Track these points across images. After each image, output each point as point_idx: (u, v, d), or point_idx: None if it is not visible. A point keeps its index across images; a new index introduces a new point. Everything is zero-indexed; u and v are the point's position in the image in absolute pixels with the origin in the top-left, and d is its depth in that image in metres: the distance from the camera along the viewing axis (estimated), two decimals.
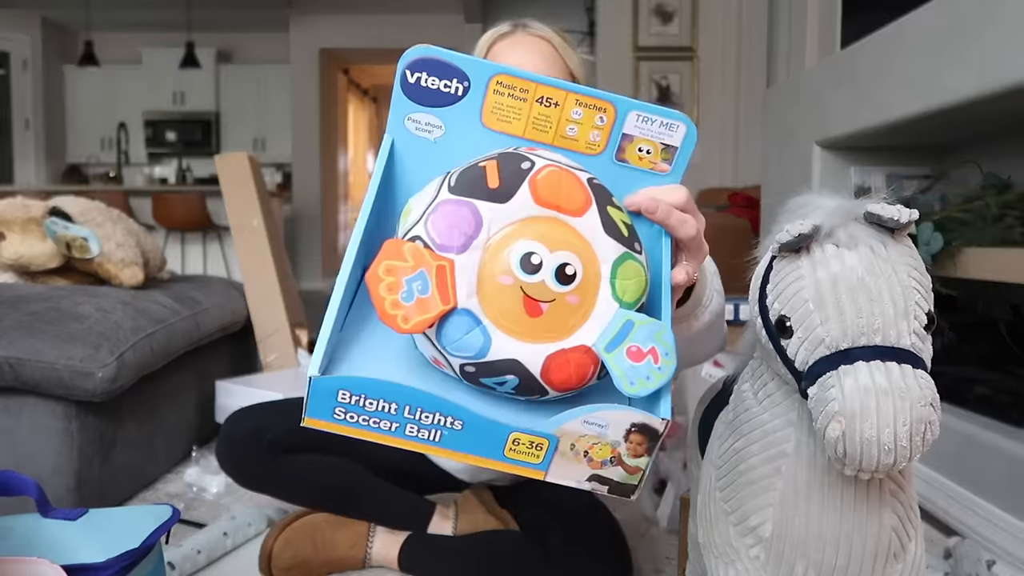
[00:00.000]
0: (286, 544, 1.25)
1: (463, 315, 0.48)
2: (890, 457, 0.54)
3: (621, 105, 0.60)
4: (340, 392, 0.48)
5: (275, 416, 1.34)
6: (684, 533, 1.16)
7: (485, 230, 0.50)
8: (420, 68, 0.57)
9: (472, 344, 0.49)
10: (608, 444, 0.51)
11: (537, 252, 0.50)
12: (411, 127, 0.59)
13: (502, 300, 0.50)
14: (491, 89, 0.58)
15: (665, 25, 4.69)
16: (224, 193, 2.52)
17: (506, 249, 0.50)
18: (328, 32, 7.49)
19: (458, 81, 0.57)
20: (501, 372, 0.50)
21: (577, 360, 0.52)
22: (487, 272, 0.49)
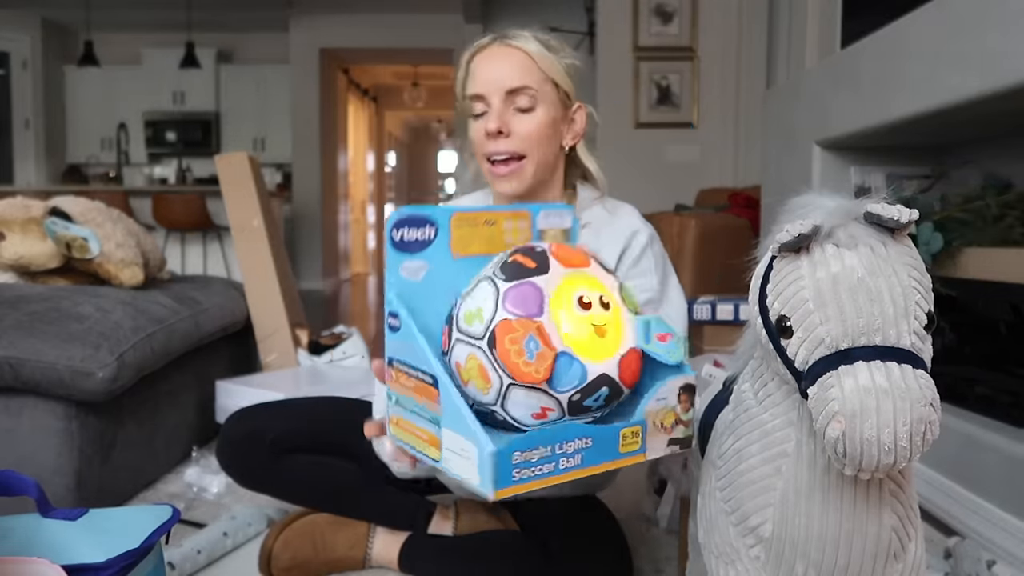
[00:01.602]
0: (286, 544, 1.25)
1: (563, 356, 0.62)
2: (890, 457, 0.54)
3: (532, 209, 0.81)
4: (514, 454, 0.60)
5: (275, 416, 1.34)
6: (684, 533, 1.16)
7: (545, 294, 0.65)
8: (402, 225, 0.73)
9: (575, 374, 0.63)
10: (671, 410, 0.68)
11: (584, 294, 0.66)
12: (404, 274, 0.73)
13: (580, 335, 0.64)
14: (453, 226, 0.75)
15: (665, 25, 4.70)
16: (224, 193, 2.52)
17: (565, 300, 0.65)
18: (328, 32, 7.49)
19: (429, 226, 0.74)
20: (597, 388, 0.64)
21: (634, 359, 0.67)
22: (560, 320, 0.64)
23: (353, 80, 9.09)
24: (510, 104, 1.08)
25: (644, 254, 1.15)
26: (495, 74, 1.09)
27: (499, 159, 1.09)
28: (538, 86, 1.09)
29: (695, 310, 2.15)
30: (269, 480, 1.31)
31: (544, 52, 1.10)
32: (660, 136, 4.75)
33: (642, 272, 1.15)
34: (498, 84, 1.08)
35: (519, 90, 1.08)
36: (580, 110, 1.16)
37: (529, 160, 1.10)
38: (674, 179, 4.62)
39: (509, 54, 1.09)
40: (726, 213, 3.40)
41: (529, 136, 1.09)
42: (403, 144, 12.93)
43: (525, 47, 1.09)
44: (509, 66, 1.08)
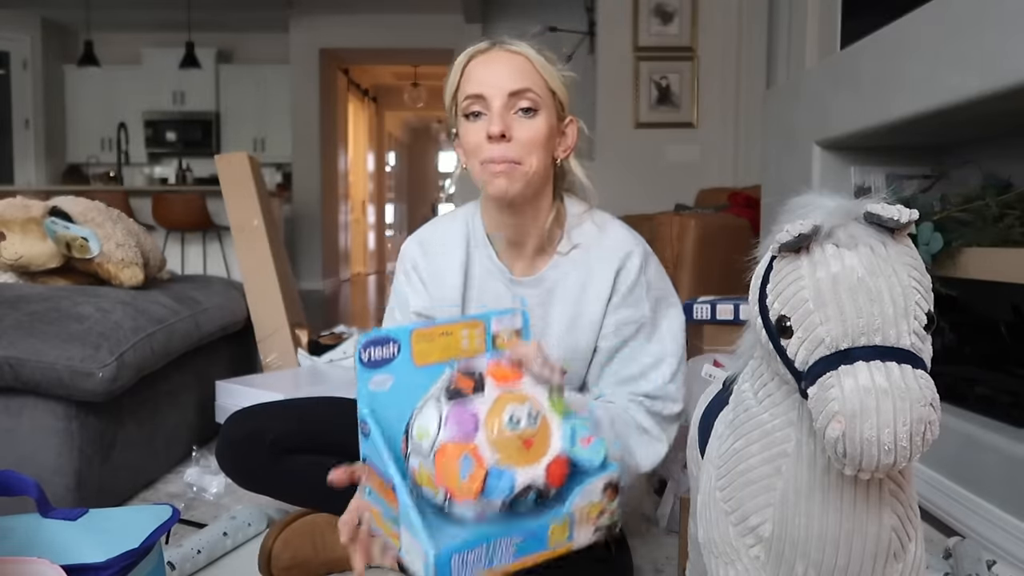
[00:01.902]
0: (286, 544, 1.24)
1: (494, 471, 0.71)
2: (890, 457, 0.54)
3: (484, 317, 0.89)
4: (453, 556, 0.70)
5: (275, 417, 1.33)
6: (684, 533, 1.16)
7: (480, 417, 0.74)
8: (369, 345, 0.83)
9: (505, 486, 0.71)
10: (597, 504, 0.77)
11: (514, 412, 0.75)
12: (372, 387, 0.83)
13: (510, 449, 0.73)
14: (413, 341, 0.85)
15: (665, 25, 4.69)
16: (224, 193, 2.52)
17: (496, 419, 0.74)
18: (328, 32, 7.49)
19: (393, 343, 0.84)
20: (526, 494, 0.73)
21: (560, 463, 0.75)
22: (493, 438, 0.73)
23: (353, 80, 9.09)
24: (510, 107, 1.06)
25: (638, 281, 1.14)
26: (496, 76, 1.06)
27: (495, 162, 1.06)
28: (539, 91, 1.07)
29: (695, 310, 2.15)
30: (269, 481, 1.31)
31: (543, 60, 1.09)
32: (660, 136, 4.75)
33: (636, 301, 1.14)
34: (500, 86, 1.06)
35: (521, 92, 1.06)
36: (572, 123, 1.14)
37: (525, 166, 1.07)
38: (674, 179, 4.62)
39: (510, 58, 1.08)
40: (726, 213, 3.40)
41: (530, 142, 1.07)
42: (403, 144, 12.93)
43: (526, 52, 1.08)
44: (511, 68, 1.07)
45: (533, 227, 1.15)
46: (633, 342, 1.14)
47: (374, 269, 10.80)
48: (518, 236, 1.16)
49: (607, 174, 4.70)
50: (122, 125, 6.63)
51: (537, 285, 1.16)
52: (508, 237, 1.17)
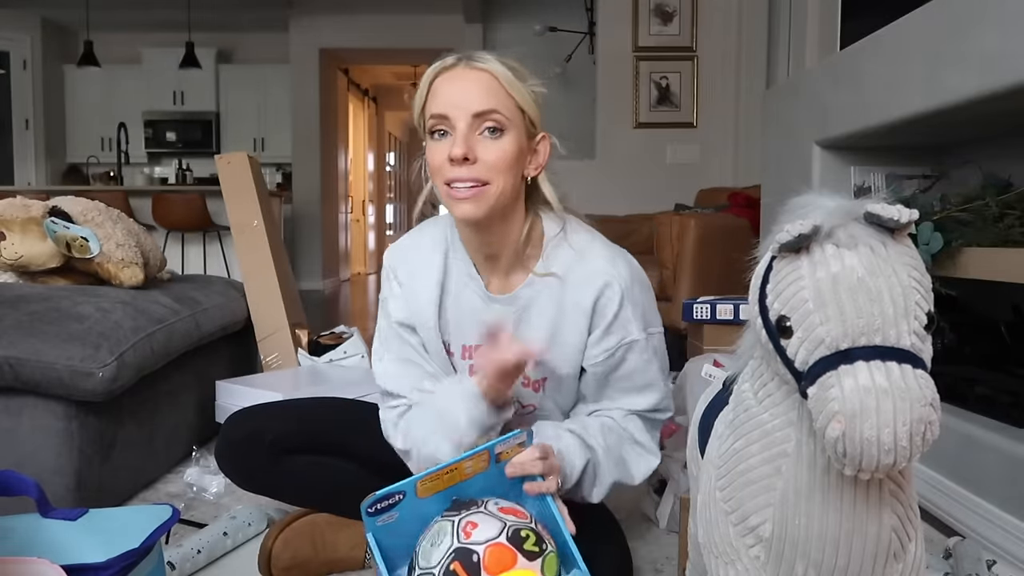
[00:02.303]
0: (286, 544, 1.24)
1: None
2: (890, 457, 0.54)
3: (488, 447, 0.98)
4: None
5: (274, 417, 1.33)
6: (684, 533, 1.16)
7: None
8: (375, 503, 0.93)
9: None
10: None
11: None
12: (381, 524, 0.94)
13: None
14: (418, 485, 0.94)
15: (665, 25, 4.70)
16: (224, 193, 2.52)
17: None
18: (328, 32, 7.49)
19: (398, 495, 0.94)
20: None
21: None
22: None
23: (353, 80, 9.09)
24: (475, 128, 1.03)
25: (622, 308, 1.11)
26: (461, 95, 1.03)
27: (462, 185, 1.04)
28: (506, 111, 1.04)
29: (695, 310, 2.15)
30: (269, 481, 1.31)
31: (512, 77, 1.05)
32: (660, 136, 4.75)
33: (622, 326, 1.12)
34: (464, 106, 1.03)
35: (486, 113, 1.03)
36: (544, 140, 1.11)
37: (493, 187, 1.04)
38: (674, 179, 4.63)
39: (477, 76, 1.04)
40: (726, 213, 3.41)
41: (495, 164, 1.03)
42: (403, 144, 12.93)
43: (493, 70, 1.04)
44: (476, 88, 1.03)
45: (504, 243, 1.13)
46: (627, 362, 1.14)
47: (374, 269, 10.80)
48: (490, 251, 1.15)
49: (607, 174, 4.71)
50: (122, 125, 6.63)
51: (512, 303, 1.15)
52: (482, 255, 1.16)
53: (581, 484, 1.13)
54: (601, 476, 1.14)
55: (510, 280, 1.16)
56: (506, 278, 1.16)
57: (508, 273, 1.16)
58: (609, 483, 1.16)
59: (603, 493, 1.16)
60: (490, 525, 0.91)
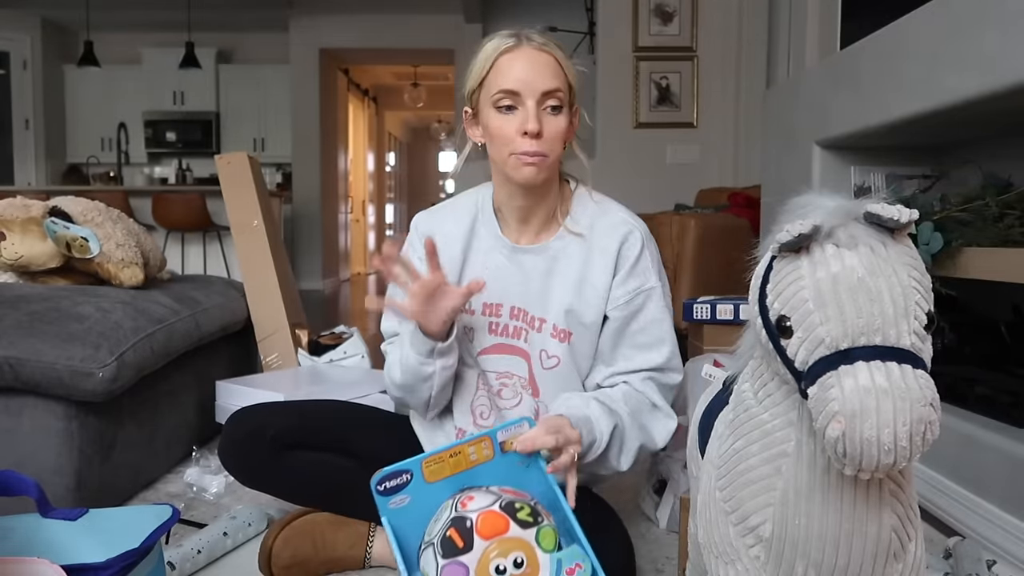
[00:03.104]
0: (286, 543, 1.25)
1: None
2: (890, 457, 0.54)
3: (490, 433, 1.02)
4: None
5: (276, 413, 1.34)
6: (684, 533, 1.16)
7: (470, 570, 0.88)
8: (383, 480, 0.98)
9: None
10: None
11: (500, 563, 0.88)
12: (392, 507, 0.99)
13: None
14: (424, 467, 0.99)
15: (665, 25, 4.69)
16: (224, 193, 2.52)
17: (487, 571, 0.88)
18: (328, 32, 7.49)
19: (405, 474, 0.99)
20: None
21: None
22: None
23: (353, 80, 9.09)
24: (541, 104, 1.14)
25: (642, 254, 1.22)
26: (531, 75, 1.13)
27: (528, 156, 1.14)
28: (564, 89, 1.15)
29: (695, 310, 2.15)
30: (270, 478, 1.31)
31: (565, 57, 1.17)
32: (660, 136, 4.75)
33: (643, 271, 1.22)
34: (534, 86, 1.13)
35: (552, 92, 1.14)
36: (578, 111, 1.22)
37: (551, 156, 1.16)
38: (674, 179, 4.63)
39: (541, 58, 1.15)
40: (726, 213, 3.40)
41: (556, 137, 1.16)
42: (403, 144, 12.92)
43: (555, 52, 1.16)
44: (545, 68, 1.14)
45: (543, 203, 1.24)
46: (645, 310, 1.21)
47: (374, 269, 10.80)
48: (530, 211, 1.24)
49: (607, 174, 4.70)
50: (122, 125, 6.62)
51: (541, 252, 1.24)
52: (518, 216, 1.25)
53: (609, 451, 1.15)
54: (628, 442, 1.18)
55: (539, 236, 1.26)
56: (535, 236, 1.26)
57: (538, 231, 1.25)
58: (635, 448, 1.19)
59: (630, 460, 1.19)
60: (485, 498, 0.94)
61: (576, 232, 1.23)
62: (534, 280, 1.23)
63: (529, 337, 1.24)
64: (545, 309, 1.23)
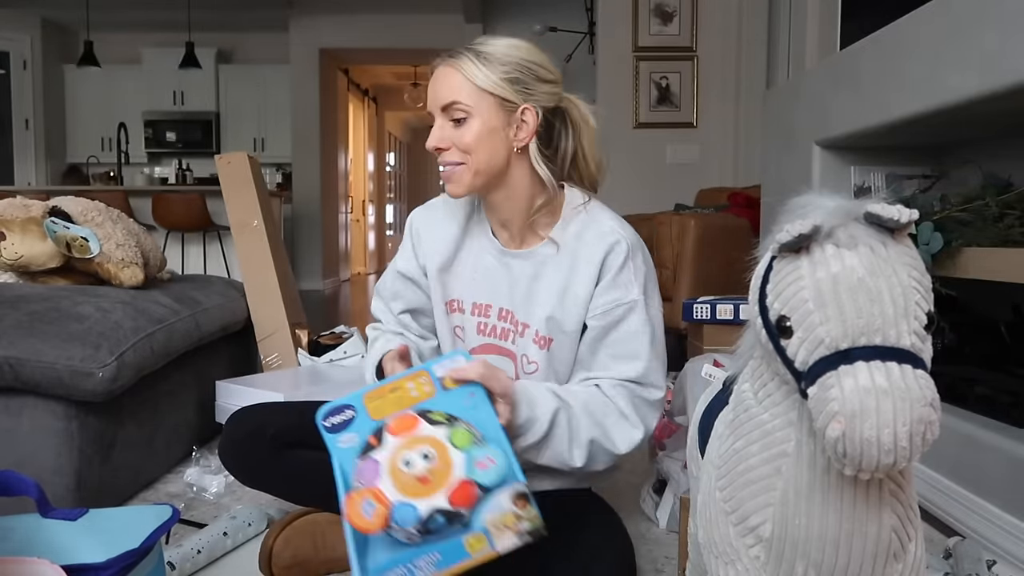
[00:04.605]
0: (286, 543, 1.25)
1: (397, 506, 0.86)
2: (890, 457, 0.54)
3: (425, 367, 1.03)
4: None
5: (276, 412, 1.35)
6: (684, 533, 1.16)
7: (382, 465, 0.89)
8: (327, 416, 0.99)
9: (409, 516, 0.85)
10: (509, 513, 0.88)
11: (408, 457, 0.89)
12: (342, 446, 0.98)
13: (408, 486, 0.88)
14: (366, 402, 1.00)
15: (665, 25, 4.69)
16: (224, 193, 2.52)
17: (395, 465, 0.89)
18: (328, 32, 7.49)
19: (348, 410, 0.99)
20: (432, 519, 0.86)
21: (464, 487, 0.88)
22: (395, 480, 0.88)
23: (353, 80, 9.09)
24: (447, 118, 1.16)
25: (626, 265, 1.19)
26: (432, 94, 1.17)
27: (443, 168, 1.19)
28: (469, 100, 1.14)
29: (695, 310, 2.15)
30: (270, 477, 1.31)
31: (476, 66, 1.14)
32: (660, 136, 4.75)
33: (625, 283, 1.18)
34: (435, 102, 1.17)
35: (449, 106, 1.15)
36: (528, 111, 1.16)
37: (468, 166, 1.16)
38: (674, 179, 4.63)
39: (444, 74, 1.16)
40: (726, 213, 3.40)
41: (465, 146, 1.15)
42: (403, 144, 12.93)
43: (456, 64, 1.15)
44: (441, 84, 1.16)
45: (512, 210, 1.22)
46: (625, 322, 1.18)
47: (374, 269, 10.80)
48: (501, 217, 1.24)
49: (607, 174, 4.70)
50: (122, 125, 6.62)
51: (529, 258, 1.23)
52: (496, 221, 1.27)
53: (553, 436, 1.11)
54: (578, 434, 1.13)
55: (527, 241, 1.25)
56: (522, 240, 1.25)
57: (523, 236, 1.25)
58: (587, 442, 1.13)
59: (583, 455, 1.13)
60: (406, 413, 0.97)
61: (556, 241, 1.21)
62: (521, 284, 1.23)
63: (516, 340, 1.24)
64: (529, 314, 1.22)
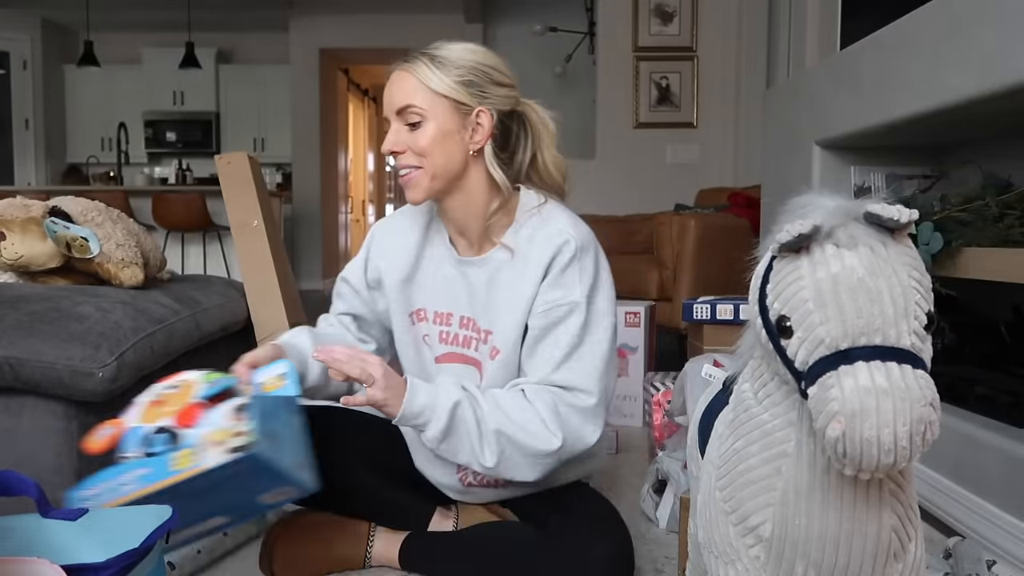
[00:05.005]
0: (287, 543, 1.25)
1: (130, 430, 0.98)
2: (890, 457, 0.54)
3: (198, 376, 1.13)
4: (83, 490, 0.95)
5: None
6: (684, 533, 1.16)
7: (138, 402, 1.05)
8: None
9: (136, 436, 0.98)
10: (226, 429, 0.94)
11: (157, 389, 1.06)
12: None
13: (146, 414, 1.01)
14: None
15: (665, 25, 4.70)
16: (224, 193, 2.52)
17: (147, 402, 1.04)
18: (328, 32, 7.49)
19: None
20: (155, 437, 0.95)
21: (190, 409, 0.98)
22: (140, 412, 1.02)
23: (353, 80, 9.08)
24: (403, 122, 1.16)
25: (571, 265, 1.15)
26: (387, 98, 1.18)
27: (401, 173, 1.18)
28: (424, 103, 1.14)
29: (695, 310, 2.15)
30: None
31: (431, 70, 1.14)
32: (660, 136, 4.75)
33: (568, 283, 1.15)
34: (389, 106, 1.18)
35: (403, 110, 1.15)
36: (482, 114, 1.15)
37: (424, 171, 1.16)
38: (674, 179, 4.63)
39: (399, 78, 1.17)
40: (726, 213, 3.41)
41: (420, 149, 1.15)
42: None
43: (411, 69, 1.16)
44: (396, 88, 1.17)
45: (468, 215, 1.21)
46: (563, 324, 1.14)
47: None
48: (458, 223, 1.23)
49: (607, 174, 4.70)
50: (122, 125, 6.62)
51: (483, 265, 1.22)
52: (453, 229, 1.25)
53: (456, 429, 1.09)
54: (486, 429, 1.10)
55: (482, 247, 1.23)
56: (479, 246, 1.24)
57: (480, 241, 1.23)
58: (495, 439, 1.10)
59: (494, 455, 1.10)
60: None
61: (509, 246, 1.18)
62: (479, 292, 1.21)
63: (479, 347, 1.22)
64: (492, 322, 1.20)
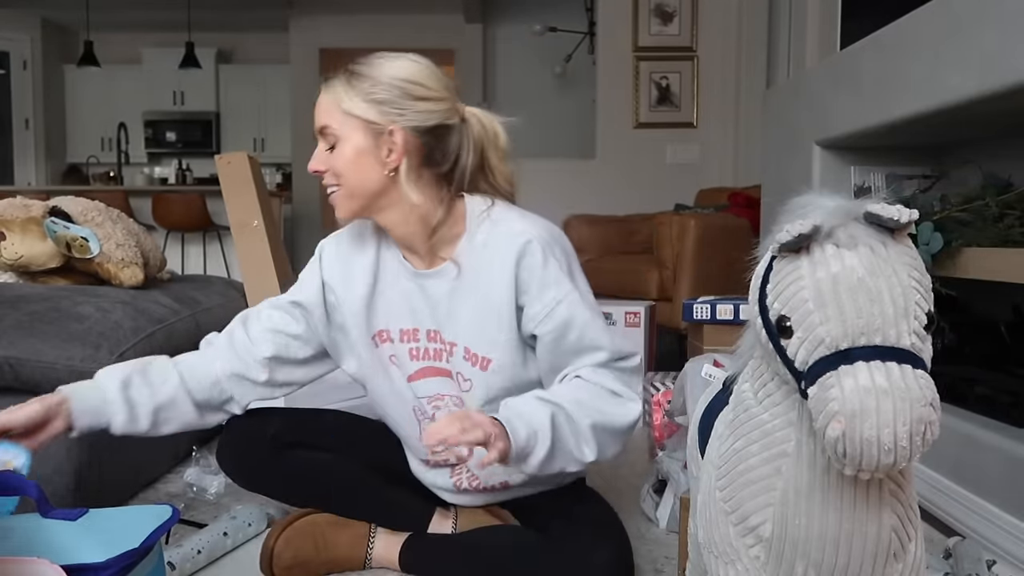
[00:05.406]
0: (287, 544, 1.25)
1: None
2: (890, 457, 0.54)
3: None
4: None
5: (276, 413, 1.36)
6: (684, 533, 1.16)
7: None
8: None
9: None
10: None
11: None
12: None
13: None
14: None
15: (665, 25, 4.69)
16: (224, 193, 2.52)
17: None
18: (328, 32, 7.48)
19: None
20: None
21: None
22: None
23: None
24: (324, 142, 1.17)
25: (547, 263, 1.14)
26: (315, 118, 1.18)
27: (327, 192, 1.19)
28: (336, 124, 1.14)
29: (695, 310, 2.15)
30: (270, 479, 1.31)
31: (344, 90, 1.14)
32: (660, 136, 4.75)
33: (554, 280, 1.14)
34: (315, 126, 1.18)
35: (321, 130, 1.16)
36: (395, 132, 1.13)
37: (343, 189, 1.17)
38: (674, 179, 4.62)
39: (321, 97, 1.17)
40: (726, 213, 3.41)
41: (337, 170, 1.16)
42: None
43: (329, 87, 1.16)
44: (318, 108, 1.17)
45: (408, 232, 1.20)
46: (575, 318, 1.14)
47: None
48: (402, 239, 1.22)
49: (607, 174, 4.71)
50: (122, 125, 6.62)
51: (441, 276, 1.20)
52: (401, 244, 1.23)
53: (560, 441, 1.08)
54: (579, 427, 1.10)
55: (436, 259, 1.21)
56: (432, 259, 1.21)
57: (432, 255, 1.21)
58: (590, 431, 1.10)
59: (594, 448, 1.11)
60: None
61: (458, 262, 1.17)
62: (441, 304, 1.19)
63: (448, 359, 1.21)
64: (455, 333, 1.19)
